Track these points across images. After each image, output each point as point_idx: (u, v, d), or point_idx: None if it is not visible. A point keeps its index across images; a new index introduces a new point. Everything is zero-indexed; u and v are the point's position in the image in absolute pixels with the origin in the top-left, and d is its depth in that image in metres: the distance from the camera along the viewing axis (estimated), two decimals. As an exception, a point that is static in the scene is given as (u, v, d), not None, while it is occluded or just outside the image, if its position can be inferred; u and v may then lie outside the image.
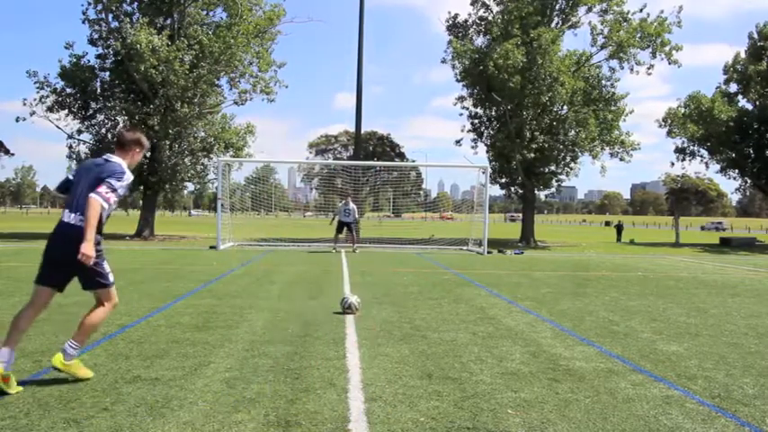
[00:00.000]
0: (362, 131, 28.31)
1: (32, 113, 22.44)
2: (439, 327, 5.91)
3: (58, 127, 23.07)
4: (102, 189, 3.63)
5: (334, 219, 17.49)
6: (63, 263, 3.72)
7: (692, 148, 30.91)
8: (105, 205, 3.65)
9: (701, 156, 31.08)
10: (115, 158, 3.88)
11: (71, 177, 3.90)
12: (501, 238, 27.37)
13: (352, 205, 17.14)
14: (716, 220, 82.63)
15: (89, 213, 3.56)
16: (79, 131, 23.34)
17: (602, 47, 24.31)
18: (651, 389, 3.95)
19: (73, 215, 3.70)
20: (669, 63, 24.02)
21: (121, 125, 23.67)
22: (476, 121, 26.86)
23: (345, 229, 17.07)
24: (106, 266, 3.90)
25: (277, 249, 17.83)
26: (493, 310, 7.10)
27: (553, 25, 24.37)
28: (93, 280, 3.86)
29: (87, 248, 3.55)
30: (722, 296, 8.98)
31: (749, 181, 31.39)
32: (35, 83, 22.31)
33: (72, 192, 3.79)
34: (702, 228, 71.84)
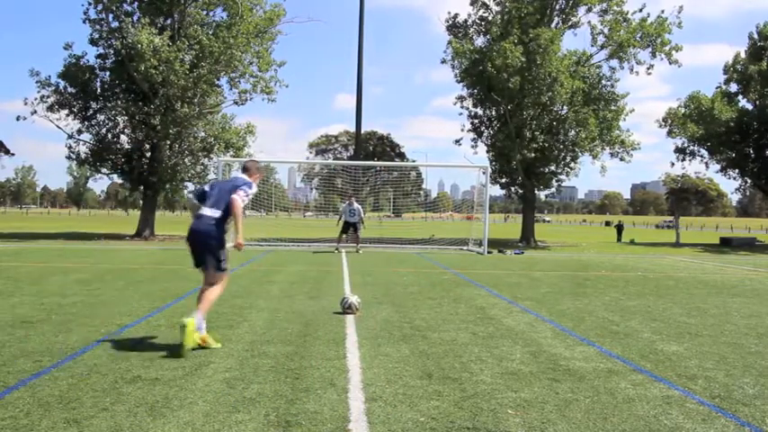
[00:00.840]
0: (362, 131, 28.32)
1: (33, 113, 22.45)
2: (439, 327, 5.91)
3: (58, 127, 23.06)
4: (240, 193, 4.78)
5: (340, 220, 17.34)
6: (197, 244, 4.85)
7: (691, 148, 30.90)
8: (242, 204, 4.76)
9: (701, 156, 31.08)
10: (242, 175, 5.11)
11: (206, 189, 5.04)
12: (501, 238, 27.38)
13: (356, 205, 17.11)
14: (668, 219, 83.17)
15: (236, 212, 4.71)
16: (79, 131, 23.32)
17: (602, 47, 24.30)
18: (651, 389, 3.95)
19: (210, 210, 4.82)
20: (669, 63, 24.01)
21: (122, 125, 23.71)
22: (476, 120, 26.84)
23: (351, 229, 17.01)
24: (225, 255, 4.88)
25: (277, 249, 17.83)
26: (493, 310, 7.10)
27: (553, 25, 24.35)
28: (212, 262, 4.85)
29: (239, 240, 4.81)
30: (722, 296, 8.98)
31: (749, 181, 31.37)
32: (36, 82, 22.32)
33: (209, 197, 4.90)
34: (657, 226, 72.62)
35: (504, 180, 26.46)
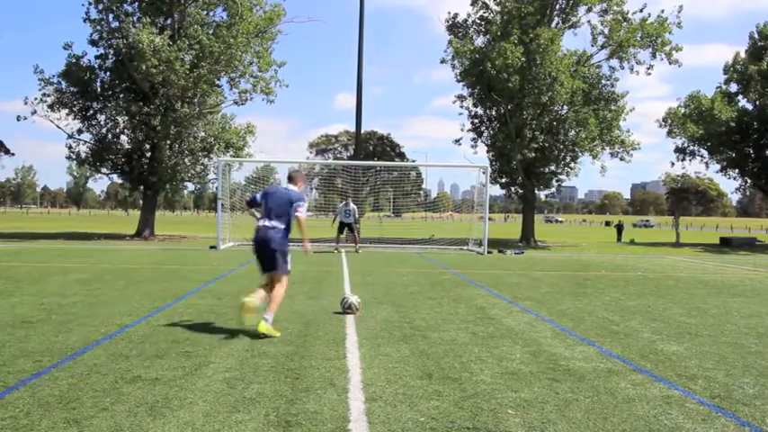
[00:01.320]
0: (362, 131, 28.31)
1: (33, 112, 22.45)
2: (439, 327, 5.91)
3: (58, 126, 23.06)
4: (302, 210, 5.57)
5: (335, 219, 17.46)
6: (266, 253, 5.56)
7: (691, 147, 30.90)
8: (305, 217, 5.59)
9: (701, 156, 31.07)
10: (293, 187, 5.75)
11: (258, 197, 5.75)
12: (501, 238, 27.37)
13: (352, 206, 17.15)
14: (644, 218, 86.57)
15: (302, 227, 5.60)
16: (79, 131, 23.32)
17: (603, 47, 24.30)
18: (651, 389, 3.95)
19: (275, 222, 5.52)
20: (669, 63, 24.00)
21: (122, 125, 23.71)
22: (476, 120, 26.85)
23: (347, 229, 17.09)
24: (289, 259, 5.64)
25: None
26: (493, 309, 7.10)
27: (553, 25, 24.35)
28: (280, 265, 5.55)
29: (307, 246, 5.91)
30: (722, 296, 8.98)
31: (749, 181, 31.36)
32: (39, 79, 22.32)
33: (264, 206, 5.61)
34: (634, 225, 75.51)
35: (504, 180, 26.46)
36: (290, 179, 5.87)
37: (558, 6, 24.61)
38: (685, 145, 30.96)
